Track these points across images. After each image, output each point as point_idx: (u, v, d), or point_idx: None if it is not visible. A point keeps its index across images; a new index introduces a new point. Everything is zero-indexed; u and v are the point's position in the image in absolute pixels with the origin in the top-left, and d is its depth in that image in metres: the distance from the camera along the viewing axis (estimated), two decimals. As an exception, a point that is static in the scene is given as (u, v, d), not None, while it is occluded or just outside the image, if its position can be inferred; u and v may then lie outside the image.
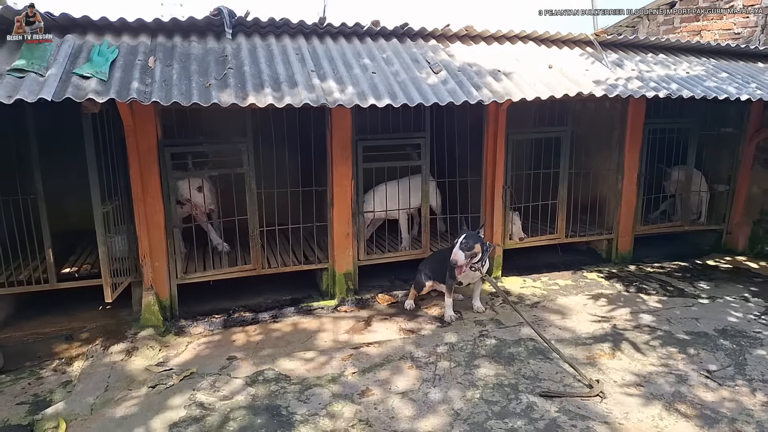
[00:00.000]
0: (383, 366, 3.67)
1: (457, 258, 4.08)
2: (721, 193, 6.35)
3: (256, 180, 4.55)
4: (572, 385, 3.39)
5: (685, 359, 3.71)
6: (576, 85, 4.56)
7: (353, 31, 4.86)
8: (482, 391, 3.32)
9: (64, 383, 3.54)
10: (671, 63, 5.65)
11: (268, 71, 3.99)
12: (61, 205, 5.21)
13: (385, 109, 4.01)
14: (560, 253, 6.09)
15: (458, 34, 5.25)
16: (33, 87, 3.26)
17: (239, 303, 4.84)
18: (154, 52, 3.98)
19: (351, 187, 4.79)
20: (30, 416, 3.16)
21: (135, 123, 4.01)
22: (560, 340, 4.02)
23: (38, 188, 4.16)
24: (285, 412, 3.13)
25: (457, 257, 4.08)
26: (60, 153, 5.00)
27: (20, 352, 3.97)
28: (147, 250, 4.30)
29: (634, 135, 5.69)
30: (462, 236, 4.17)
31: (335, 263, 4.90)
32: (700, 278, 5.46)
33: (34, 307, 4.70)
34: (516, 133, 5.30)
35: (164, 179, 4.25)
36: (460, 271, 4.15)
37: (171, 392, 3.39)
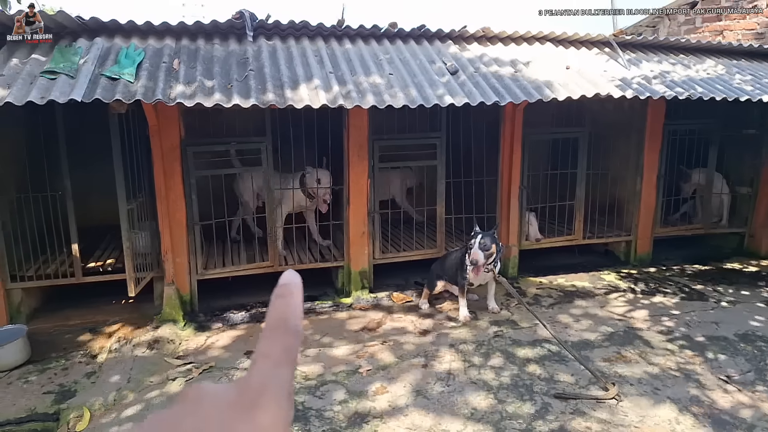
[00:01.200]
0: (398, 364, 3.71)
1: (477, 258, 4.08)
2: (744, 195, 6.25)
3: (274, 178, 4.63)
4: (588, 387, 3.39)
5: (703, 363, 3.66)
6: (594, 86, 4.55)
7: (371, 33, 4.92)
8: (496, 391, 3.34)
9: (88, 374, 3.64)
10: (691, 64, 5.59)
11: (287, 73, 4.07)
12: (86, 201, 5.37)
13: (402, 109, 4.06)
14: (577, 255, 6.06)
15: (475, 35, 5.27)
16: (64, 88, 3.39)
17: (257, 299, 4.93)
18: (179, 55, 4.09)
19: (367, 186, 4.85)
20: (56, 405, 3.27)
21: (159, 123, 4.12)
22: (576, 342, 4.02)
23: (66, 185, 4.29)
24: (301, 407, 3.19)
25: (477, 257, 4.09)
26: (85, 151, 5.15)
27: (47, 344, 4.09)
28: (169, 246, 4.41)
29: (654, 136, 5.64)
30: (479, 236, 4.17)
31: (351, 261, 4.96)
32: (721, 281, 5.38)
33: (60, 300, 4.84)
34: (533, 134, 5.30)
35: (186, 177, 4.36)
36: (478, 271, 4.18)
37: (191, 385, 3.46)
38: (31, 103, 3.26)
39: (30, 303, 4.57)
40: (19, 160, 4.59)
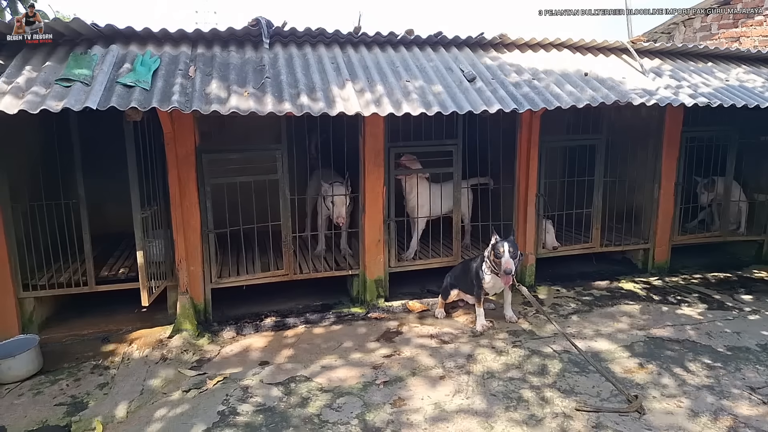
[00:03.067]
0: (415, 375, 3.64)
1: (510, 266, 4.02)
2: (762, 203, 6.15)
3: (289, 186, 4.59)
4: (609, 399, 3.30)
5: (726, 374, 3.59)
6: (613, 93, 4.48)
7: (387, 41, 4.89)
8: (517, 402, 3.27)
9: (101, 385, 3.60)
10: (709, 70, 5.51)
11: (304, 80, 4.04)
12: (100, 209, 5.36)
13: (418, 116, 4.01)
14: (595, 263, 5.98)
15: (492, 42, 5.22)
16: (79, 96, 3.36)
17: (271, 308, 4.88)
18: (195, 62, 4.07)
19: (383, 194, 4.80)
20: (68, 417, 3.22)
21: (174, 130, 4.09)
22: (596, 352, 3.94)
23: (80, 193, 4.27)
24: (317, 420, 3.13)
25: (510, 266, 4.02)
26: (101, 159, 5.14)
27: (59, 353, 4.06)
28: (183, 255, 4.37)
29: (671, 143, 5.56)
30: (506, 244, 4.09)
31: (366, 270, 4.90)
32: (741, 290, 5.28)
33: (73, 309, 4.81)
34: (550, 141, 5.24)
35: (201, 185, 4.33)
36: (509, 280, 4.11)
37: (205, 397, 3.41)
38: (45, 110, 3.23)
39: (42, 312, 4.54)
40: (33, 167, 4.58)
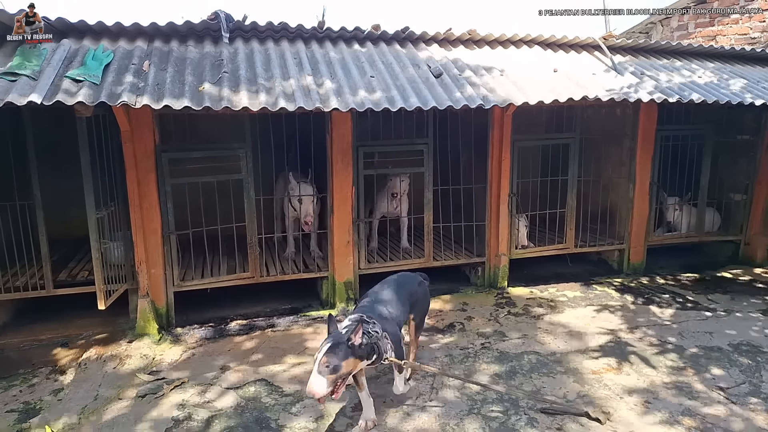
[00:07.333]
0: (379, 378, 3.54)
1: (313, 390, 2.51)
2: (738, 202, 6.12)
3: (254, 186, 4.48)
4: (575, 401, 3.22)
5: (696, 375, 3.52)
6: (582, 89, 4.43)
7: (353, 36, 4.80)
8: (480, 405, 3.18)
9: (56, 391, 3.49)
10: (683, 67, 5.48)
11: (264, 75, 3.94)
12: (63, 212, 5.21)
13: (389, 115, 3.93)
14: (569, 264, 5.91)
15: (461, 38, 5.16)
16: (24, 90, 3.24)
17: (238, 311, 4.76)
18: (150, 56, 3.95)
19: (352, 194, 4.70)
20: (18, 424, 3.11)
21: (132, 128, 3.97)
22: (566, 353, 3.86)
23: (35, 194, 4.13)
24: (274, 425, 3.03)
25: (313, 389, 2.51)
26: (62, 160, 5.00)
27: (15, 359, 3.95)
28: (143, 257, 4.24)
29: (646, 142, 5.51)
30: (326, 346, 2.60)
31: (335, 272, 4.80)
32: (716, 290, 5.23)
33: (32, 314, 4.67)
34: (522, 140, 5.17)
35: (161, 185, 4.21)
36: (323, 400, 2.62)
37: (160, 402, 3.31)
38: (-4, 107, 3.10)
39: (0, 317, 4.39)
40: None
